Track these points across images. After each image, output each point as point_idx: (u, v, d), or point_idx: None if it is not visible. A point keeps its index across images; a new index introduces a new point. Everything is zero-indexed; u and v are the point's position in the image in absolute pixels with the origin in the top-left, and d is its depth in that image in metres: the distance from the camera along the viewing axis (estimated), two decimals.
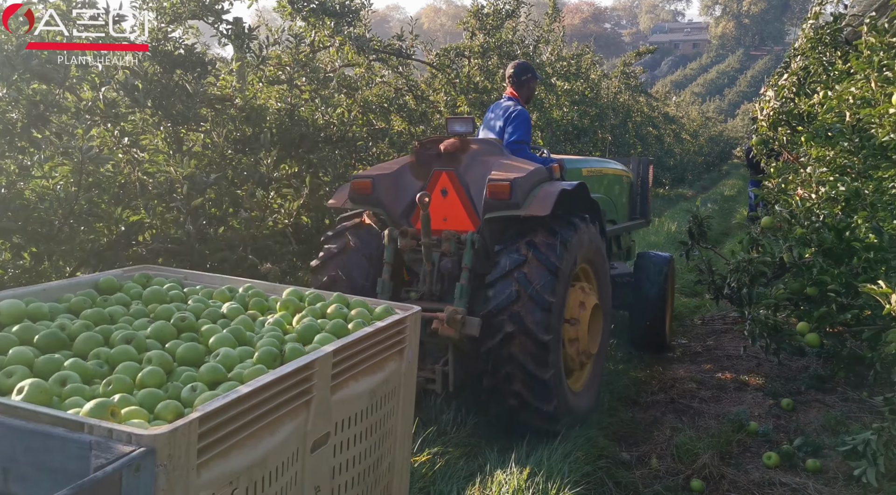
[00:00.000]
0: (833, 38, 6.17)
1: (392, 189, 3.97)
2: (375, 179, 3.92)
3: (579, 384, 4.03)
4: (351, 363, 1.91)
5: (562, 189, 3.75)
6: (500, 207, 3.67)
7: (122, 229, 3.54)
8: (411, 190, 3.97)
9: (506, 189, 3.64)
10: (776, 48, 69.76)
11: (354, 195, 3.95)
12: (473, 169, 3.95)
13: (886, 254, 3.48)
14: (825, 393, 4.63)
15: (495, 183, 3.67)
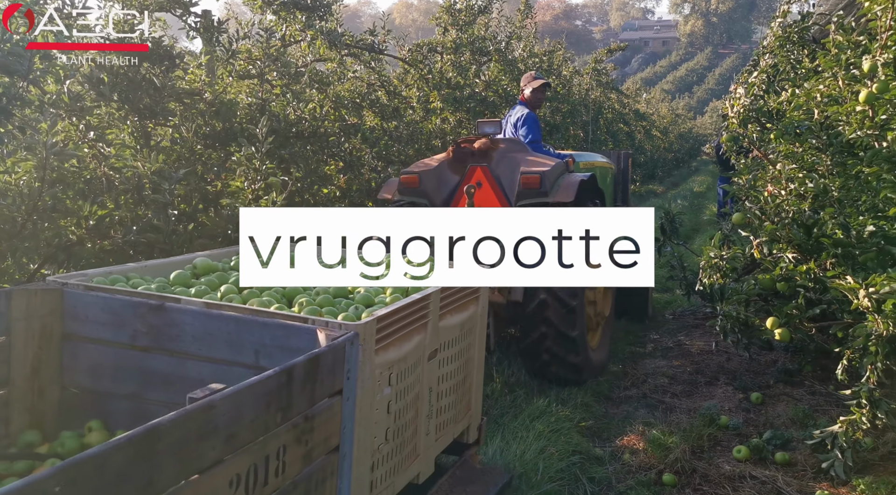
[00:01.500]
0: (801, 36, 6.26)
1: (434, 182, 4.70)
2: (421, 174, 4.67)
3: (595, 341, 4.84)
4: (450, 300, 2.69)
5: (581, 179, 4.53)
6: (531, 195, 4.44)
7: (91, 224, 3.46)
8: (450, 182, 4.72)
9: (537, 180, 4.41)
10: (744, 46, 70.80)
11: (403, 188, 4.67)
12: (503, 164, 4.68)
13: (854, 250, 3.54)
14: (793, 387, 4.70)
15: (528, 175, 4.45)
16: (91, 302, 2.28)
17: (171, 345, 2.19)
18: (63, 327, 2.31)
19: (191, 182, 4.11)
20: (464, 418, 2.97)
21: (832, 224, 3.60)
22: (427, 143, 7.54)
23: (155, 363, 2.22)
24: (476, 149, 4.75)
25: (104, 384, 2.22)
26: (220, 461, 1.53)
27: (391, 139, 6.68)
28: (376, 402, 2.19)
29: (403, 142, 6.88)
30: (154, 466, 1.33)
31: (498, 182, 4.62)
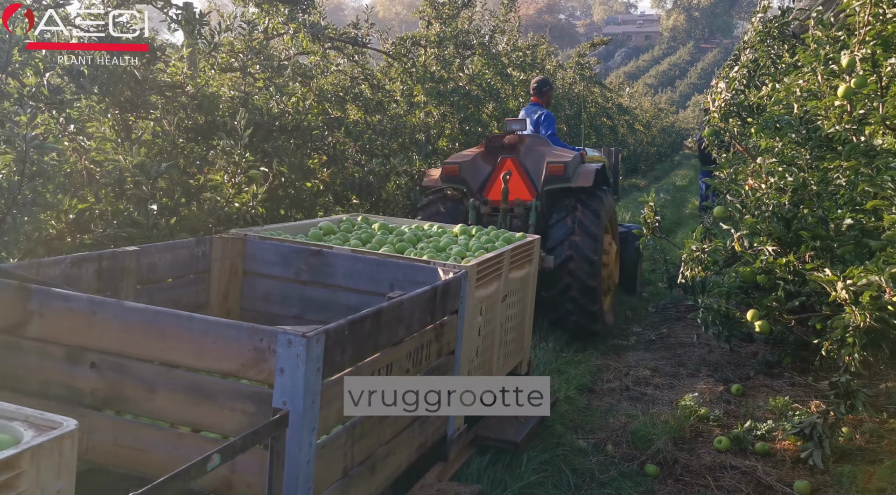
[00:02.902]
0: (781, 31, 6.32)
1: (471, 171, 5.63)
2: (461, 165, 5.62)
3: (607, 305, 5.64)
4: (515, 259, 3.47)
5: (596, 168, 5.52)
6: (556, 181, 5.43)
7: (71, 217, 3.43)
8: (483, 171, 5.69)
9: (561, 168, 5.39)
10: (725, 41, 71.17)
11: (445, 176, 5.64)
12: (529, 156, 5.65)
13: (832, 243, 3.59)
14: (773, 378, 4.76)
15: (554, 164, 5.43)
16: (266, 247, 3.17)
17: (326, 280, 3.06)
18: (244, 266, 3.20)
19: (173, 175, 4.08)
20: (519, 353, 3.79)
21: (811, 217, 3.65)
22: (411, 137, 7.53)
23: (313, 293, 3.07)
24: (506, 143, 5.72)
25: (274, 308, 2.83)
26: (403, 340, 2.35)
27: (375, 133, 6.66)
28: (473, 325, 3.01)
29: (387, 135, 6.86)
30: (378, 332, 2.15)
31: (525, 171, 5.61)
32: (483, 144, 5.86)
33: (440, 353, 2.67)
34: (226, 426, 1.90)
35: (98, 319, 2.00)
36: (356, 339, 2.03)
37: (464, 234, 3.81)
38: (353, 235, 3.54)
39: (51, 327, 2.03)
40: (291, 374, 1.79)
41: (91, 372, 2.00)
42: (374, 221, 3.90)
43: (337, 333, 1.90)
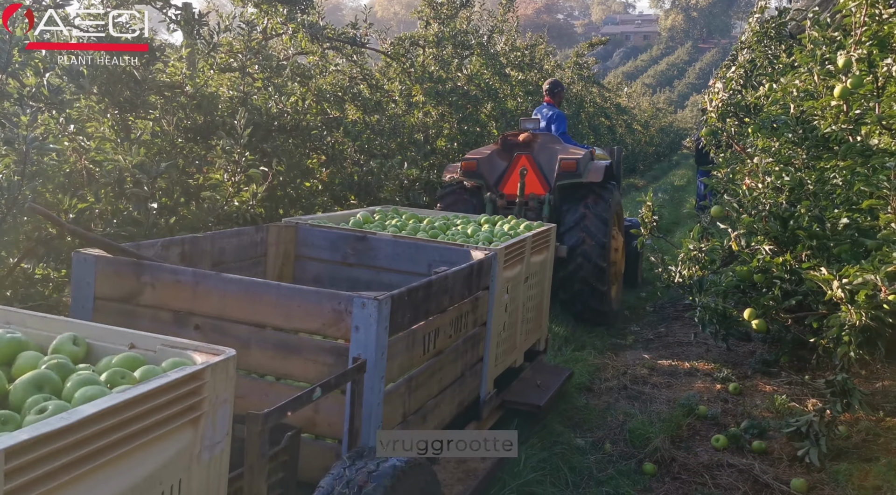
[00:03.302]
0: (778, 32, 6.34)
1: (488, 166, 6.07)
2: (478, 161, 6.06)
3: (613, 291, 6.00)
4: (535, 243, 3.84)
5: (605, 165, 5.92)
6: (569, 176, 5.82)
7: (71, 217, 3.44)
8: (499, 167, 6.10)
9: (574, 164, 5.79)
10: (723, 41, 71.24)
11: (464, 171, 6.07)
12: (542, 153, 6.06)
13: (828, 243, 3.61)
14: (770, 377, 4.78)
15: (566, 161, 5.82)
16: (316, 233, 3.58)
17: (370, 262, 3.48)
18: (296, 251, 3.60)
19: (172, 175, 4.09)
20: (538, 330, 4.17)
21: (808, 217, 3.67)
22: (409, 137, 7.55)
23: (358, 274, 3.46)
24: (520, 141, 6.14)
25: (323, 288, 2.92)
26: (447, 309, 2.79)
27: (373, 133, 6.67)
28: (501, 302, 3.38)
29: (386, 135, 6.88)
30: (429, 300, 2.59)
31: (539, 167, 6.02)
32: (499, 142, 6.24)
33: (475, 324, 3.16)
34: (309, 375, 2.29)
35: (201, 289, 2.41)
36: (413, 304, 2.46)
37: (487, 223, 4.21)
38: (389, 224, 3.95)
39: (161, 296, 2.43)
40: (365, 331, 2.23)
41: (195, 332, 2.39)
42: (404, 212, 4.35)
43: (399, 298, 2.34)
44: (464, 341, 3.01)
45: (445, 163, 7.73)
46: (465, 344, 3.04)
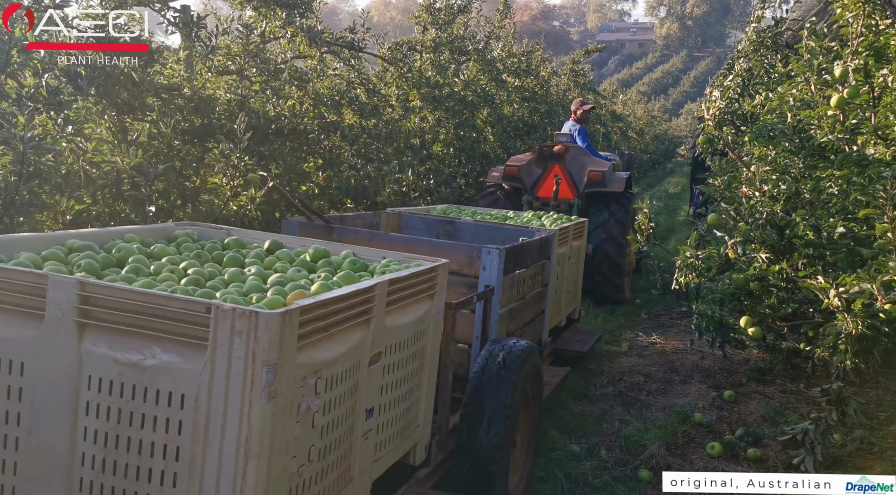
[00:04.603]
0: (774, 41, 6.38)
1: (526, 172, 7.16)
2: (519, 167, 7.12)
3: (626, 283, 7.07)
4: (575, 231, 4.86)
5: (626, 177, 7.11)
6: (595, 186, 6.91)
7: (68, 219, 3.42)
8: (535, 173, 7.20)
9: (601, 176, 6.90)
10: (718, 50, 71.54)
11: (505, 175, 7.14)
12: (573, 163, 7.15)
13: (824, 251, 3.62)
14: (765, 384, 4.79)
15: (594, 172, 6.93)
16: (415, 219, 4.58)
17: (458, 239, 4.30)
18: (400, 230, 4.51)
19: (169, 178, 4.08)
20: (574, 301, 5.19)
21: (804, 225, 3.69)
22: (406, 142, 7.55)
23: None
24: (555, 151, 7.22)
25: None
26: (529, 267, 3.76)
27: (370, 137, 6.68)
28: (555, 272, 4.32)
29: (382, 140, 6.88)
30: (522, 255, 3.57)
31: (569, 175, 7.07)
32: (536, 151, 7.37)
33: (541, 284, 4.14)
34: (455, 299, 2.84)
35: (374, 242, 3.38)
36: (514, 257, 3.46)
37: (535, 217, 5.11)
38: (464, 213, 5.04)
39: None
40: (489, 270, 3.27)
41: None
42: (465, 209, 5.35)
43: (509, 251, 3.35)
44: (534, 295, 4.02)
45: (441, 169, 7.77)
46: (535, 297, 4.06)
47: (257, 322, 1.55)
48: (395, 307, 2.22)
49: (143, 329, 1.66)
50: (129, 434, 1.66)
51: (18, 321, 1.75)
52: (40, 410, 1.73)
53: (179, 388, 1.62)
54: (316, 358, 1.78)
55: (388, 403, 2.26)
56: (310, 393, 1.76)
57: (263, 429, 1.59)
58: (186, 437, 1.62)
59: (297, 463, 1.74)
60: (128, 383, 1.66)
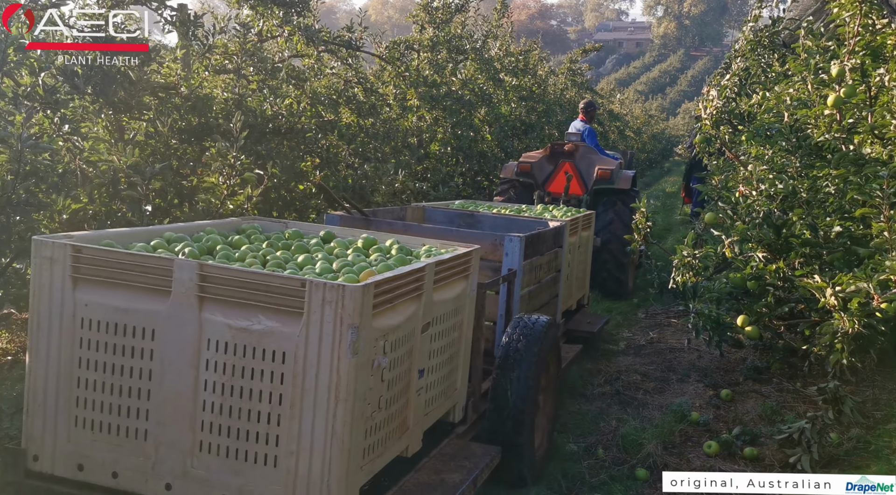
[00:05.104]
0: (771, 40, 6.38)
1: (538, 169, 7.51)
2: (532, 164, 7.46)
3: (629, 278, 7.45)
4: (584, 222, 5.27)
5: (632, 175, 7.51)
6: (604, 183, 7.30)
7: (64, 218, 3.42)
8: (546, 169, 7.55)
9: (609, 173, 7.27)
10: (715, 49, 71.54)
11: (519, 171, 7.47)
12: (583, 161, 7.52)
13: (821, 250, 3.63)
14: (762, 383, 4.79)
15: (603, 170, 7.30)
16: (437, 212, 4.91)
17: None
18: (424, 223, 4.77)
19: (166, 176, 4.08)
20: (583, 288, 5.54)
21: (801, 224, 3.69)
22: (403, 141, 7.55)
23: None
24: (566, 150, 7.57)
25: None
26: (544, 254, 4.15)
27: (367, 136, 6.68)
28: (566, 259, 4.70)
29: (380, 139, 6.88)
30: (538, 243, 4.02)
31: (579, 172, 7.45)
32: (548, 149, 7.72)
33: (554, 270, 4.53)
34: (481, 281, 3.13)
35: (408, 232, 3.68)
36: (532, 244, 3.86)
37: (546, 210, 5.47)
38: (482, 207, 5.39)
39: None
40: (511, 256, 3.65)
41: None
42: (481, 203, 5.74)
43: (528, 238, 3.74)
44: (549, 280, 4.41)
45: (439, 168, 7.78)
46: (550, 282, 4.45)
47: (344, 293, 1.99)
48: (440, 285, 2.65)
49: (250, 301, 2.09)
50: (241, 384, 2.10)
51: (150, 296, 2.17)
52: (169, 367, 2.16)
53: (281, 347, 2.06)
54: (384, 324, 2.22)
55: (434, 366, 2.69)
56: (380, 352, 2.19)
57: (349, 379, 2.02)
58: (287, 386, 2.06)
59: (370, 409, 2.19)
60: (239, 344, 2.10)
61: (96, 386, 2.22)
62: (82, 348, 2.22)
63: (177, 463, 2.16)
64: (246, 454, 2.12)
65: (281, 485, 2.08)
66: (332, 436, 2.04)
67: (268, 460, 2.10)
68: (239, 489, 2.13)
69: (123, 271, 2.19)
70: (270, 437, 2.09)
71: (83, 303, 2.22)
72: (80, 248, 2.23)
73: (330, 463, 2.04)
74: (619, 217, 6.99)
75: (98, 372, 2.21)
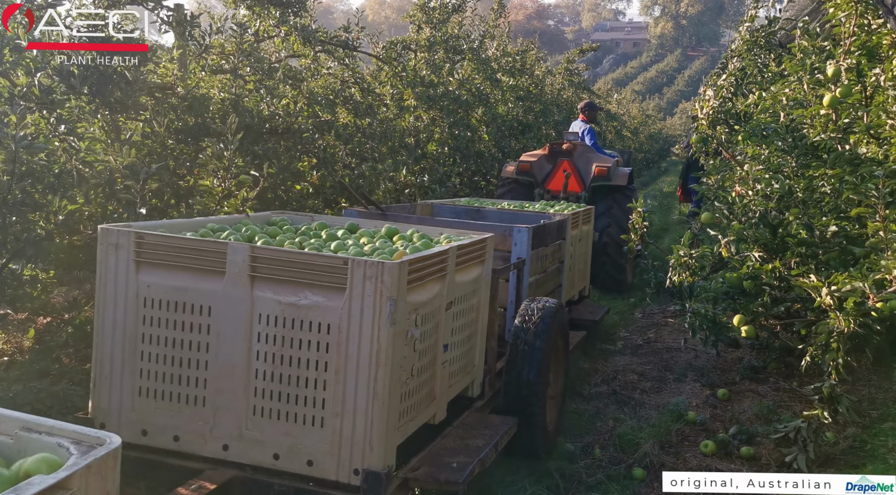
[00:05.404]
0: (768, 40, 6.40)
1: (538, 168, 7.76)
2: (532, 163, 7.72)
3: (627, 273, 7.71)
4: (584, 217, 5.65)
5: (628, 172, 7.76)
6: (601, 180, 7.53)
7: (60, 219, 3.41)
8: (546, 168, 7.81)
9: (606, 171, 7.51)
10: (712, 49, 71.56)
11: (519, 170, 7.74)
12: (581, 159, 7.78)
13: (817, 250, 3.64)
14: (758, 383, 4.80)
15: (600, 167, 7.53)
16: (445, 208, 5.17)
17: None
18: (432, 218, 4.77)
19: (163, 177, 4.07)
20: (584, 280, 5.88)
21: (797, 224, 3.70)
22: (400, 141, 7.55)
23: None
24: (564, 148, 7.83)
25: None
26: (549, 245, 4.54)
27: (364, 136, 6.67)
28: (569, 251, 5.03)
29: (377, 139, 6.87)
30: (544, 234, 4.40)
31: (577, 170, 7.70)
32: (547, 148, 8.00)
33: (558, 261, 4.88)
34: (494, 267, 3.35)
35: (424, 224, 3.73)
36: (538, 235, 4.17)
37: (546, 207, 5.74)
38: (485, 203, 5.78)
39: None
40: (520, 245, 3.92)
41: None
42: (484, 200, 6.11)
43: (534, 229, 4.03)
44: (553, 270, 4.74)
45: (436, 168, 7.78)
46: (554, 271, 4.78)
47: (383, 269, 2.27)
48: (461, 267, 2.92)
49: (297, 278, 2.36)
50: (290, 353, 2.37)
51: (206, 277, 2.45)
52: (224, 340, 2.43)
53: (326, 319, 2.33)
54: (416, 299, 2.49)
55: (456, 342, 2.96)
56: (412, 324, 2.47)
57: (388, 346, 2.29)
58: (332, 354, 2.33)
59: (405, 375, 2.46)
60: (288, 318, 2.37)
61: (158, 358, 2.49)
62: (145, 325, 2.50)
63: (233, 426, 2.44)
64: (295, 416, 2.38)
65: (328, 444, 2.35)
66: (374, 398, 2.30)
67: (315, 421, 2.37)
68: (289, 448, 2.39)
69: (182, 255, 2.47)
70: (317, 401, 2.36)
71: (145, 284, 2.50)
72: (142, 235, 2.50)
73: (372, 422, 2.31)
74: (618, 207, 7.27)
75: (160, 346, 2.49)
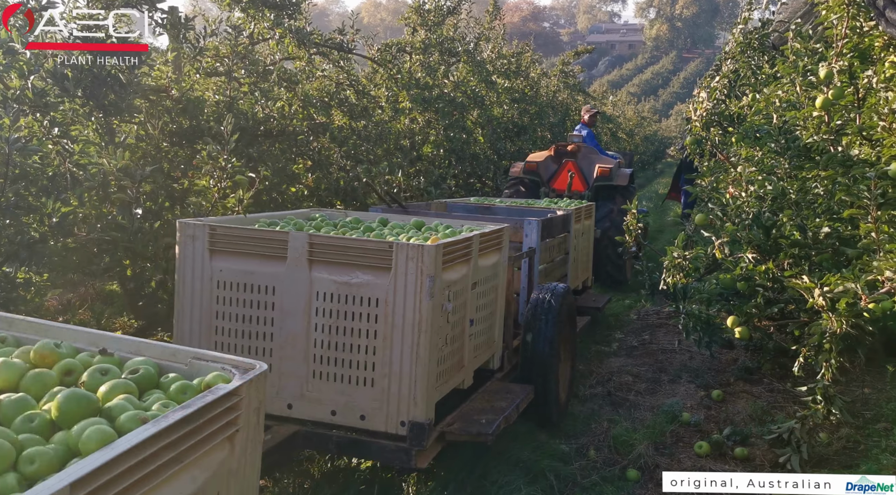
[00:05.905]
0: (761, 43, 6.42)
1: (544, 168, 8.27)
2: (538, 163, 8.22)
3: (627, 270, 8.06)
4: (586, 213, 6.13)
5: (630, 172, 8.19)
6: (604, 180, 7.97)
7: (54, 221, 3.40)
8: (551, 168, 8.31)
9: (608, 171, 7.94)
10: (707, 51, 71.78)
11: (526, 169, 8.23)
12: (584, 160, 8.27)
13: (810, 251, 3.65)
14: (752, 384, 4.82)
15: (602, 168, 7.98)
16: (458, 206, 5.66)
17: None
18: None
19: (157, 179, 4.07)
20: (587, 271, 6.30)
21: (790, 225, 3.71)
22: (395, 143, 7.55)
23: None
24: (569, 150, 8.32)
25: None
26: (556, 236, 5.06)
27: (359, 138, 6.67)
28: (574, 243, 5.48)
29: (372, 141, 6.87)
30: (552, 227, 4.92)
31: (581, 171, 8.18)
32: (552, 149, 8.48)
33: (564, 253, 5.31)
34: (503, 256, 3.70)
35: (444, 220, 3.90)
36: (547, 227, 4.60)
37: (551, 203, 6.19)
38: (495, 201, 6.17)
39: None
40: (531, 236, 4.37)
41: None
42: (492, 199, 6.45)
43: (544, 221, 4.49)
44: (559, 260, 5.16)
45: (431, 170, 7.79)
46: (560, 262, 5.19)
47: (423, 251, 2.72)
48: (483, 253, 3.33)
49: (349, 261, 2.82)
50: (344, 325, 2.83)
51: (270, 262, 2.91)
52: (287, 314, 2.89)
53: (374, 295, 2.79)
54: (449, 277, 2.92)
55: (480, 318, 3.38)
56: (446, 299, 2.89)
57: (427, 316, 2.73)
58: (380, 324, 2.78)
59: (441, 342, 2.90)
60: (342, 294, 2.83)
61: (230, 332, 2.96)
62: (219, 303, 2.96)
63: (295, 388, 2.88)
64: (349, 378, 2.83)
65: (378, 401, 2.79)
66: (417, 360, 2.74)
67: (366, 382, 2.80)
68: (345, 405, 2.84)
69: (249, 243, 2.93)
70: (368, 364, 2.80)
71: (218, 269, 2.96)
72: (215, 227, 2.97)
73: (415, 380, 2.75)
74: (619, 206, 7.53)
75: (231, 321, 2.95)
